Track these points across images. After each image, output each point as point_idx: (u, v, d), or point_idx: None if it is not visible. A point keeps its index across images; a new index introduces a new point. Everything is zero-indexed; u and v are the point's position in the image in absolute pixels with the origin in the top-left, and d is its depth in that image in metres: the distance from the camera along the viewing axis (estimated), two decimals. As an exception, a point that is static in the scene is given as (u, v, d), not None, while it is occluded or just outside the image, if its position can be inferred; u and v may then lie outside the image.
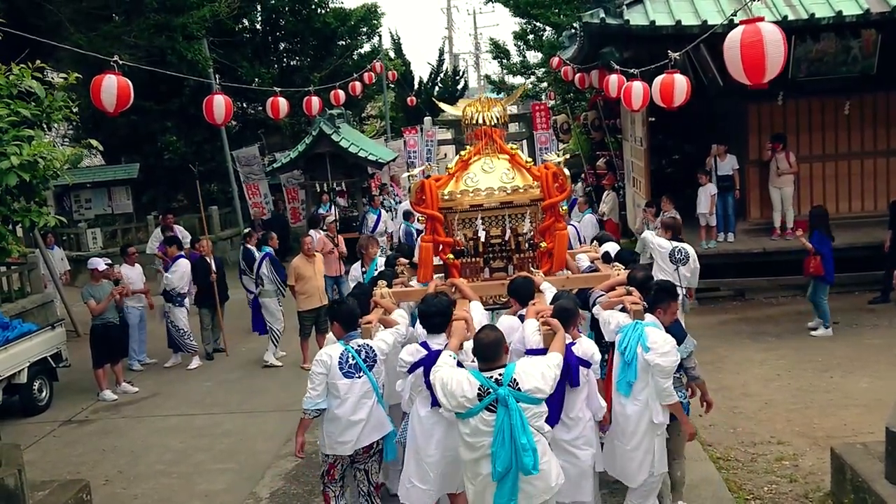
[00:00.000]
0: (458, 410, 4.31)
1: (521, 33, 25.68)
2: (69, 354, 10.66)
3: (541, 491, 4.34)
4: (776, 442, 7.09)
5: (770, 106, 12.24)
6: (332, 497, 5.48)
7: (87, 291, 9.70)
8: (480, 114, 6.87)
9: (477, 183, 6.61)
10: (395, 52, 31.46)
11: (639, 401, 5.23)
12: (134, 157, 19.51)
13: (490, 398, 4.22)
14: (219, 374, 10.48)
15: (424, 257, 6.70)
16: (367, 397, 5.29)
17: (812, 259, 9.99)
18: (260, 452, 7.72)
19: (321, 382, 5.24)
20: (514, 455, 4.15)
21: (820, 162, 12.40)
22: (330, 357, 5.27)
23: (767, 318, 11.12)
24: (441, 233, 6.60)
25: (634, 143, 15.09)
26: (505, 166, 6.71)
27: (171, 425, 8.70)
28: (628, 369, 5.23)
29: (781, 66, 5.74)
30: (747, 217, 12.64)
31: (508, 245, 6.76)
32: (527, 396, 4.25)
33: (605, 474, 5.64)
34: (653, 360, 5.09)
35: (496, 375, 4.29)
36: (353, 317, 5.50)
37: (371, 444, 5.37)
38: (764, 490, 6.24)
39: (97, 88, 6.21)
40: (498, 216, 6.65)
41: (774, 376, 8.79)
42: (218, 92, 8.63)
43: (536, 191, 6.57)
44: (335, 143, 16.05)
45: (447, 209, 6.62)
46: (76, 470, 7.54)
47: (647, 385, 5.19)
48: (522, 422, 4.18)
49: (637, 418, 5.24)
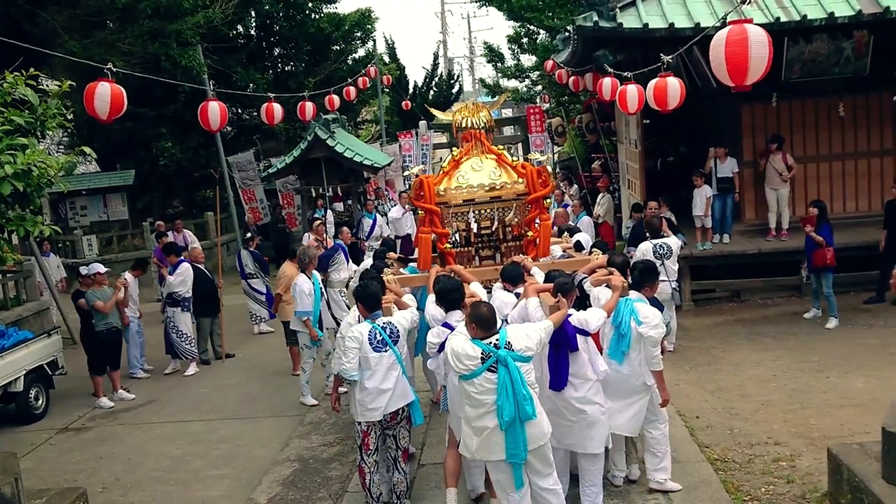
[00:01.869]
0: (465, 372, 5.05)
1: (515, 37, 25.75)
2: (65, 362, 10.65)
3: (539, 436, 5.09)
4: (773, 443, 7.09)
5: (764, 107, 12.30)
6: (367, 472, 6.07)
7: (91, 295, 9.70)
8: (468, 118, 7.69)
9: (468, 180, 7.39)
10: (389, 57, 31.45)
11: (633, 367, 6.01)
12: (129, 163, 19.52)
13: (491, 360, 4.99)
14: (215, 380, 10.46)
15: (424, 247, 7.48)
16: (394, 369, 5.99)
17: (827, 251, 10.20)
18: (257, 458, 7.71)
19: (356, 356, 5.92)
20: (517, 405, 4.92)
21: (814, 162, 12.43)
22: (361, 334, 5.95)
23: (763, 318, 11.14)
24: (438, 225, 7.31)
25: (629, 146, 15.12)
26: (492, 165, 7.49)
27: (168, 432, 8.68)
28: (623, 340, 5.98)
29: (765, 69, 5.80)
30: (742, 218, 12.67)
31: (497, 235, 7.54)
32: (519, 356, 5.05)
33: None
34: (646, 332, 5.87)
35: (493, 340, 5.05)
36: (376, 299, 6.18)
37: (397, 410, 6.04)
38: (761, 491, 6.23)
39: (90, 96, 6.21)
40: (487, 209, 7.44)
41: (771, 377, 8.80)
42: (212, 98, 8.65)
43: (521, 186, 7.34)
44: (330, 147, 16.00)
45: (442, 204, 7.36)
46: (73, 478, 7.52)
47: (639, 353, 5.97)
48: (521, 377, 4.97)
49: (632, 381, 6.03)
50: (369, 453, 6.07)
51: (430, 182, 7.36)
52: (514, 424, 4.96)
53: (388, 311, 6.25)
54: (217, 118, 8.59)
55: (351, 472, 7.08)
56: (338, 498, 6.66)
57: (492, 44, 28.02)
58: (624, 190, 16.07)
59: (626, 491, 6.28)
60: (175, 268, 10.77)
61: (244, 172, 19.42)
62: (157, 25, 13.84)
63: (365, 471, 6.08)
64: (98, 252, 17.76)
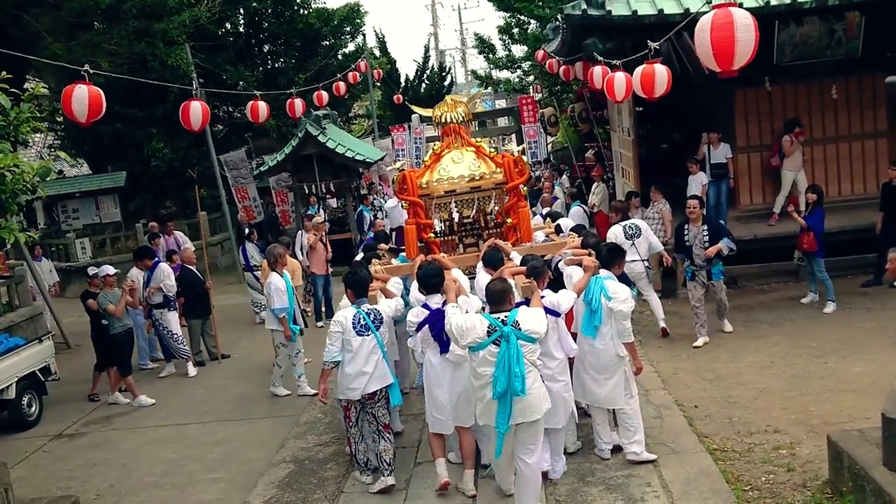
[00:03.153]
0: (471, 345, 5.46)
1: (506, 27, 25.59)
2: (59, 367, 10.56)
3: (531, 410, 5.46)
4: (773, 431, 7.02)
5: (756, 91, 12.21)
6: (353, 441, 6.68)
7: (103, 299, 9.58)
8: (448, 113, 8.15)
9: (449, 172, 7.85)
10: (380, 51, 31.26)
11: (605, 341, 6.40)
12: (120, 164, 19.38)
13: (496, 335, 5.38)
14: (210, 382, 10.38)
15: (409, 238, 7.86)
16: (374, 353, 6.40)
17: (807, 235, 10.17)
18: (253, 460, 7.63)
19: (338, 339, 6.39)
20: (509, 379, 5.27)
21: (808, 146, 12.30)
22: (345, 318, 6.41)
23: (760, 304, 11.07)
24: (422, 216, 7.75)
25: (622, 134, 15.04)
26: (472, 157, 7.94)
27: (163, 436, 8.60)
28: (594, 316, 6.38)
29: (752, 54, 5.71)
30: (737, 204, 12.59)
31: (478, 223, 7.98)
32: (525, 335, 5.41)
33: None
34: (616, 307, 6.31)
35: (502, 317, 5.45)
36: (363, 285, 6.64)
37: (375, 391, 6.45)
38: (762, 480, 6.16)
39: (68, 99, 6.09)
40: (468, 199, 7.83)
41: (769, 363, 8.73)
42: (195, 98, 8.52)
43: (500, 176, 7.79)
44: (322, 144, 15.93)
45: (425, 196, 7.82)
46: (67, 485, 7.44)
47: (610, 327, 6.37)
48: (518, 354, 5.32)
49: (606, 354, 6.42)
50: (351, 425, 6.65)
51: (412, 175, 7.83)
52: (504, 397, 5.36)
53: (374, 300, 6.67)
54: (199, 118, 8.47)
55: (347, 471, 7.01)
56: (334, 498, 6.59)
57: (483, 35, 27.85)
58: (618, 178, 16.00)
59: (624, 484, 6.22)
60: (151, 271, 10.62)
61: (236, 171, 19.32)
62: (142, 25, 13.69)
63: (351, 440, 6.70)
64: (91, 255, 17.67)
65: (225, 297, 15.51)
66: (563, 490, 6.21)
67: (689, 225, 9.63)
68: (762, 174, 12.48)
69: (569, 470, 6.52)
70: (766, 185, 12.51)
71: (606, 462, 6.62)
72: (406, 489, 6.56)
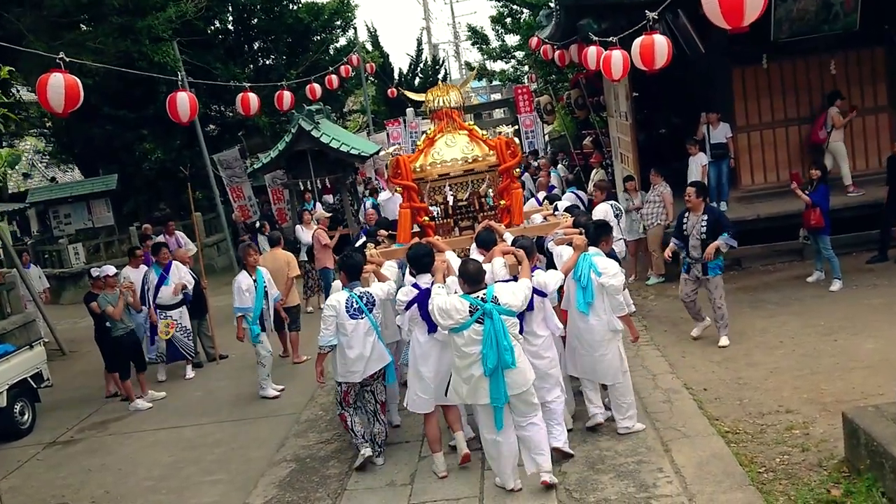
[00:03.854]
0: (454, 326, 5.58)
1: (499, 17, 25.37)
2: (54, 374, 10.38)
3: (520, 383, 5.63)
4: (785, 411, 6.83)
5: (754, 69, 12.01)
6: (348, 417, 6.72)
7: (103, 300, 9.37)
8: (440, 98, 8.20)
9: (442, 155, 7.92)
10: (372, 45, 31.01)
11: (598, 316, 6.52)
12: (112, 167, 19.15)
13: (479, 313, 5.53)
14: (208, 383, 10.17)
15: (403, 222, 7.98)
16: (370, 335, 6.56)
17: (812, 212, 9.93)
18: (252, 460, 7.43)
19: (332, 323, 6.51)
20: (499, 354, 5.45)
21: (809, 123, 12.13)
22: (338, 302, 6.55)
23: (766, 285, 10.87)
24: (416, 200, 7.85)
25: (620, 119, 14.83)
26: (465, 140, 8.01)
27: (161, 439, 8.40)
28: (585, 292, 6.50)
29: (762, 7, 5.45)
30: (738, 184, 12.37)
31: (473, 206, 8.03)
32: (505, 309, 5.58)
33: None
34: (606, 282, 6.43)
35: (481, 295, 5.63)
36: (357, 269, 6.79)
37: (375, 372, 6.65)
38: (776, 462, 5.98)
39: (43, 88, 5.86)
40: (463, 182, 7.93)
41: (778, 343, 8.54)
42: (181, 89, 8.28)
43: (493, 158, 7.87)
44: (315, 139, 15.64)
45: (419, 180, 7.89)
46: (61, 493, 7.24)
47: (603, 302, 6.50)
48: (504, 328, 5.50)
49: (600, 330, 6.53)
50: (348, 405, 6.75)
51: (406, 160, 7.94)
52: (496, 372, 5.52)
53: (367, 282, 6.86)
54: (187, 109, 8.24)
55: (350, 469, 6.82)
56: (336, 497, 6.39)
57: (476, 26, 27.62)
58: (617, 164, 15.78)
59: (635, 470, 6.03)
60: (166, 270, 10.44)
61: (230, 170, 19.04)
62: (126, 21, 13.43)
63: (346, 416, 6.74)
64: (86, 260, 17.45)
65: (222, 298, 15.24)
66: (572, 479, 6.02)
67: (689, 213, 8.96)
68: (763, 153, 12.26)
69: (578, 458, 6.35)
70: (767, 164, 12.29)
71: (616, 449, 6.44)
72: (411, 484, 6.37)
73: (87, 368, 11.72)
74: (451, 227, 8.06)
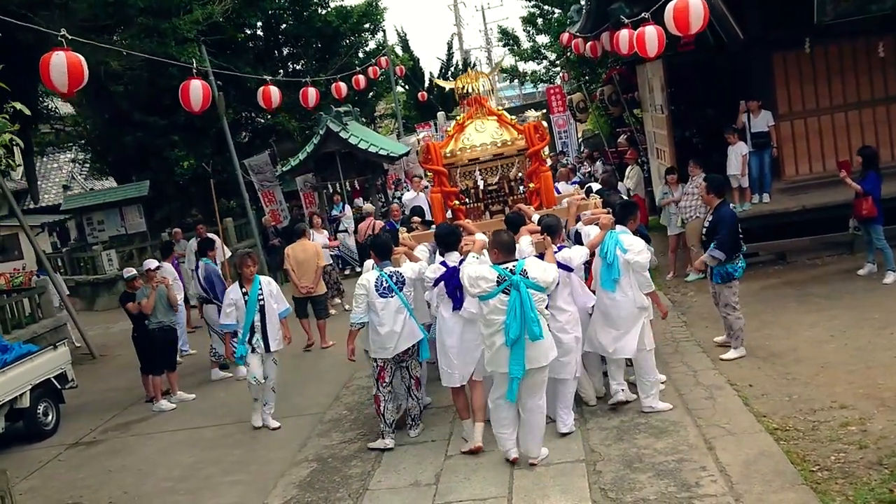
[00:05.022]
0: (482, 294, 5.70)
1: (530, 17, 25.02)
2: (82, 377, 10.26)
3: (541, 356, 5.70)
4: (838, 406, 6.36)
5: (797, 54, 11.48)
6: (382, 400, 6.78)
7: (140, 293, 9.23)
8: (469, 84, 8.33)
9: (472, 141, 8.04)
10: (402, 49, 30.86)
11: (624, 293, 6.56)
12: (145, 175, 19.16)
13: (505, 284, 5.62)
14: (231, 384, 9.86)
15: (436, 205, 8.12)
16: (400, 312, 6.63)
17: (864, 201, 9.43)
18: (273, 461, 7.15)
19: (363, 301, 6.65)
20: (524, 325, 5.54)
21: (856, 110, 11.55)
22: (368, 282, 6.68)
23: (813, 279, 10.33)
24: (447, 185, 7.97)
25: (655, 112, 14.37)
26: (494, 125, 8.10)
27: (181, 440, 8.17)
28: (611, 269, 6.54)
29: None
30: (782, 175, 11.81)
31: (503, 190, 8.11)
32: (533, 283, 5.66)
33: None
34: (632, 259, 6.48)
35: (510, 266, 5.73)
36: (387, 248, 6.93)
37: (407, 348, 6.75)
38: (831, 460, 5.52)
39: (46, 68, 5.66)
40: (492, 167, 8.02)
41: (828, 338, 8.03)
42: (195, 77, 8.03)
43: (522, 142, 7.95)
44: (344, 140, 15.51)
45: (450, 165, 8.04)
46: (79, 494, 7.04)
47: (629, 279, 6.54)
48: (530, 301, 5.56)
49: (626, 306, 6.57)
50: (384, 384, 6.80)
51: (437, 146, 8.08)
52: (517, 343, 5.58)
53: (398, 262, 6.96)
54: (199, 98, 8.01)
55: (373, 468, 6.50)
56: (358, 497, 6.07)
57: (506, 27, 27.28)
58: (653, 160, 15.30)
59: (676, 469, 5.62)
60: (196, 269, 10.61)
61: (261, 175, 18.93)
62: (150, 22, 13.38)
63: (380, 399, 6.78)
64: (119, 267, 17.40)
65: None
66: (608, 478, 5.63)
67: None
68: (808, 142, 11.69)
69: (613, 456, 5.96)
70: (812, 153, 11.71)
71: (655, 447, 6.03)
72: (436, 484, 6.02)
73: (116, 371, 11.60)
74: (482, 210, 8.15)
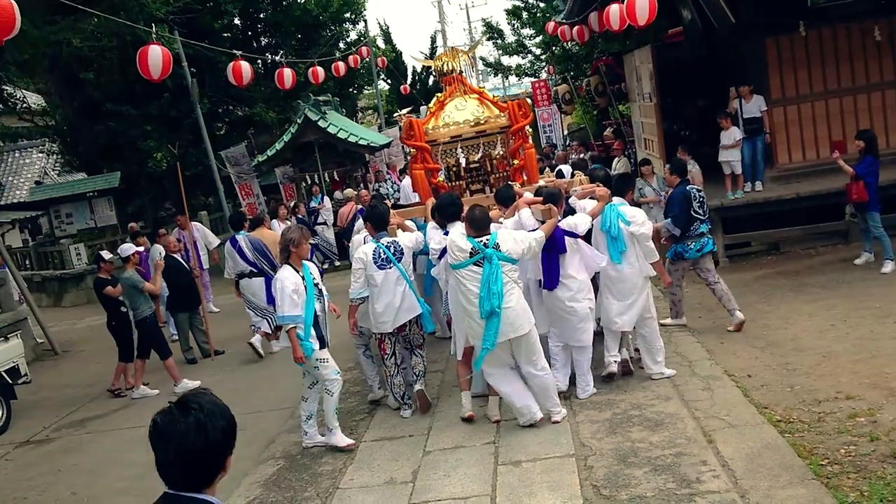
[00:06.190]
0: (454, 262, 5.81)
1: (515, 10, 24.59)
2: (42, 373, 9.67)
3: (518, 325, 5.73)
4: (844, 397, 5.93)
5: (790, 38, 11.06)
6: (389, 375, 6.74)
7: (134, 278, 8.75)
8: (449, 62, 8.22)
9: (454, 118, 7.89)
10: (384, 41, 30.30)
11: (631, 265, 6.65)
12: (116, 166, 18.50)
13: (478, 256, 5.71)
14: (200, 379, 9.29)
15: (419, 181, 7.97)
16: (399, 284, 6.42)
17: (854, 185, 9.06)
18: (238, 459, 6.42)
19: (361, 275, 6.45)
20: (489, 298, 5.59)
21: (851, 95, 11.16)
22: (366, 254, 6.46)
23: (808, 269, 9.93)
24: (429, 161, 7.83)
25: (643, 101, 13.97)
26: (475, 103, 7.97)
27: (140, 437, 7.43)
28: (617, 242, 6.59)
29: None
30: (775, 163, 11.41)
31: (485, 168, 7.98)
32: (505, 256, 5.73)
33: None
34: (637, 231, 6.59)
35: (484, 240, 5.78)
36: (383, 219, 6.72)
37: (406, 322, 6.56)
38: (841, 453, 5.07)
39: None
40: (474, 145, 7.89)
41: (828, 327, 7.61)
42: (154, 42, 7.45)
43: (504, 120, 7.85)
44: (322, 129, 14.94)
45: (431, 142, 7.86)
46: (24, 496, 6.46)
47: (634, 251, 6.63)
48: (497, 274, 5.66)
49: (633, 277, 6.66)
50: (388, 356, 6.70)
51: (418, 122, 7.95)
52: (491, 316, 5.64)
53: (394, 233, 6.80)
54: (159, 64, 7.40)
55: (345, 465, 5.98)
56: (327, 496, 5.55)
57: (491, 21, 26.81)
58: (640, 151, 14.92)
59: (674, 464, 5.15)
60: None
61: (238, 167, 18.38)
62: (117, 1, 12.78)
63: (387, 374, 6.76)
64: (87, 261, 16.76)
65: (227, 298, 14.59)
66: (600, 474, 5.14)
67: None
68: (801, 128, 11.29)
69: (606, 450, 5.48)
70: (805, 140, 11.31)
71: (651, 440, 5.56)
72: (413, 481, 5.52)
73: (77, 367, 11.03)
74: (463, 189, 7.98)
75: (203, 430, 2.09)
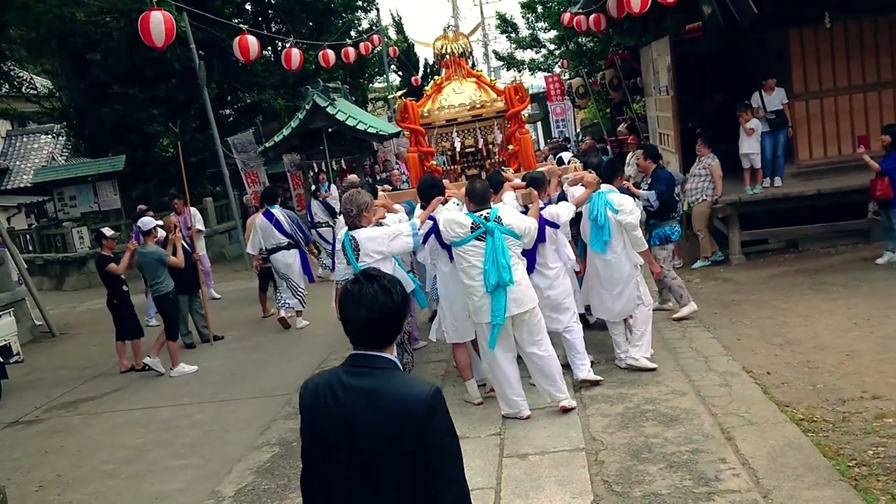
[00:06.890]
0: (454, 239, 5.69)
1: (530, 3, 24.24)
2: (37, 354, 9.42)
3: (523, 301, 5.61)
4: (870, 397, 5.61)
5: (814, 30, 10.70)
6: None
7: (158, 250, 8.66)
8: (447, 45, 8.01)
9: (450, 101, 7.72)
10: (396, 31, 29.96)
11: (617, 253, 6.49)
12: (121, 150, 18.24)
13: (480, 231, 5.61)
14: (197, 362, 9.00)
15: (412, 165, 7.90)
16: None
17: (880, 181, 8.74)
18: (231, 444, 6.34)
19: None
20: (499, 272, 5.47)
21: (875, 91, 10.80)
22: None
23: (828, 267, 9.58)
24: (424, 144, 7.68)
25: (659, 94, 13.64)
26: (473, 87, 7.82)
27: (132, 419, 7.33)
28: (602, 231, 6.43)
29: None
30: (795, 159, 11.05)
31: (481, 153, 7.83)
32: (507, 229, 5.63)
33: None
34: (624, 220, 6.38)
35: (485, 214, 5.69)
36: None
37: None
38: (869, 454, 4.76)
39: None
40: (470, 129, 7.69)
41: (851, 325, 7.29)
42: (156, 8, 7.14)
43: (501, 104, 7.68)
44: (331, 116, 14.65)
45: (427, 125, 7.72)
46: (7, 476, 6.18)
47: (621, 240, 6.46)
48: (503, 247, 5.55)
49: (619, 267, 6.51)
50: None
51: (414, 104, 7.72)
52: (497, 290, 5.51)
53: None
54: (161, 32, 7.08)
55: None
56: (322, 486, 5.25)
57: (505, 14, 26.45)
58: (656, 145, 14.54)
59: (691, 461, 4.84)
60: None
61: (245, 154, 18.08)
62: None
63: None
64: (90, 245, 16.50)
65: (230, 284, 14.42)
66: (612, 469, 4.84)
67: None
68: (823, 123, 10.93)
69: (618, 445, 5.18)
70: (827, 135, 10.95)
71: (665, 436, 5.26)
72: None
73: (74, 349, 10.79)
74: (459, 173, 7.84)
75: (388, 293, 2.39)
